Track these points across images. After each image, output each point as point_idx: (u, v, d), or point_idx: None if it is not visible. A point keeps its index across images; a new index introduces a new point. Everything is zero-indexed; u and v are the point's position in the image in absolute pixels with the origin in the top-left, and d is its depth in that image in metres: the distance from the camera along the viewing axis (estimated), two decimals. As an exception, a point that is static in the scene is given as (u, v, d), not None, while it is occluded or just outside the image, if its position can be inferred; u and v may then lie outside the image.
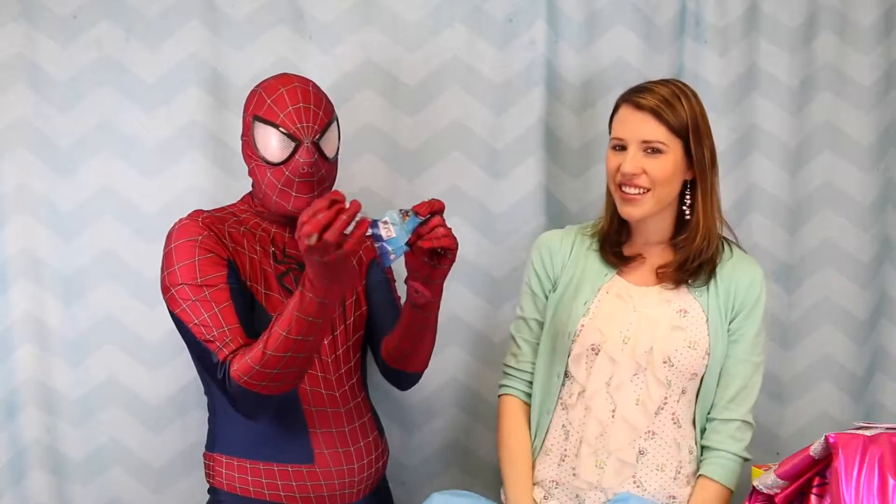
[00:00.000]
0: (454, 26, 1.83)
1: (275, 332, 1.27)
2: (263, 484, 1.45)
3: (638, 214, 1.46)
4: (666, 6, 1.88)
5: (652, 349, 1.45)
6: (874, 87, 1.94)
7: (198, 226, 1.42)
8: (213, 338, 1.33)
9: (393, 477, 1.90)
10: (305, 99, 1.44)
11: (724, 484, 1.46)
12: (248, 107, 1.48)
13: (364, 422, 1.54)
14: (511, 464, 1.54)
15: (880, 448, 1.20)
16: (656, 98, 1.43)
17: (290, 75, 1.50)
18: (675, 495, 1.46)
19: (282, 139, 1.43)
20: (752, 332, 1.48)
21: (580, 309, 1.51)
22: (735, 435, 1.48)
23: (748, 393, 1.49)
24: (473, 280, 1.87)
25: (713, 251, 1.49)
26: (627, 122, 1.46)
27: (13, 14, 1.74)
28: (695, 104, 1.45)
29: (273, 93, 1.44)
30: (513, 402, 1.58)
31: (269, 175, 1.44)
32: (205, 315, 1.34)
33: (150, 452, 1.82)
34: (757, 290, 1.49)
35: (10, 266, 1.77)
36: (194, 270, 1.36)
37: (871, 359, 2.01)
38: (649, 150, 1.43)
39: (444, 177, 1.85)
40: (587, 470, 1.46)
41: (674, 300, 1.49)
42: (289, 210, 1.47)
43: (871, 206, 1.96)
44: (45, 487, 1.81)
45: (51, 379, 1.80)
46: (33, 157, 1.77)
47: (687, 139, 1.43)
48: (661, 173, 1.43)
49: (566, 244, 1.58)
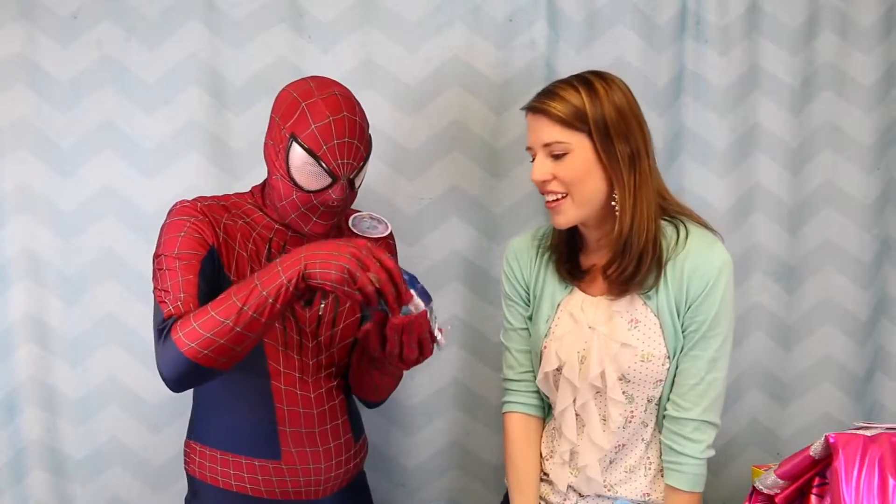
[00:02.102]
0: (454, 26, 1.83)
1: (227, 298, 1.25)
2: (231, 475, 1.46)
3: (563, 221, 1.39)
4: (666, 6, 1.88)
5: (604, 371, 1.39)
6: (875, 86, 1.94)
7: (196, 209, 1.42)
8: (167, 301, 1.32)
9: (393, 478, 1.90)
10: (351, 133, 1.38)
11: (690, 490, 1.41)
12: (284, 116, 1.40)
13: (338, 424, 1.51)
14: (518, 486, 1.51)
15: (880, 448, 1.20)
16: (552, 99, 1.35)
17: (336, 96, 1.39)
18: (648, 493, 1.45)
19: (319, 172, 1.38)
20: (706, 326, 1.36)
21: (542, 328, 1.47)
22: (692, 436, 1.39)
23: (703, 391, 1.38)
24: (473, 280, 1.87)
25: (647, 247, 1.36)
26: (530, 129, 1.39)
27: (13, 14, 1.74)
28: (601, 94, 1.34)
29: (319, 118, 1.36)
30: (517, 419, 1.53)
31: (295, 196, 1.40)
32: (168, 282, 1.34)
33: (151, 452, 1.83)
34: (709, 279, 1.35)
35: (10, 266, 1.78)
36: (175, 244, 1.37)
37: (871, 359, 2.01)
38: (554, 152, 1.36)
39: (444, 177, 1.85)
40: (561, 477, 1.48)
41: (624, 311, 1.40)
42: (305, 231, 1.44)
43: (872, 206, 1.96)
44: (45, 487, 1.81)
45: (51, 378, 1.80)
46: (34, 157, 1.77)
47: (591, 134, 1.34)
48: (570, 174, 1.35)
49: (531, 252, 1.52)
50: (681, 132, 1.91)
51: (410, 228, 1.84)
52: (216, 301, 1.27)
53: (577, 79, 1.38)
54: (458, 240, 1.87)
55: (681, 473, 1.40)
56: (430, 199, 1.85)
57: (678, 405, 1.40)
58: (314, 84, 1.41)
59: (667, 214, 1.42)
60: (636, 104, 1.39)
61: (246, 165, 1.81)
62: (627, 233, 1.36)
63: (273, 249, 1.47)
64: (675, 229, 1.41)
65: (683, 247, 1.38)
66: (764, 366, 1.96)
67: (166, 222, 1.41)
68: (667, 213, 1.42)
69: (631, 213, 1.36)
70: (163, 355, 1.29)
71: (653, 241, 1.37)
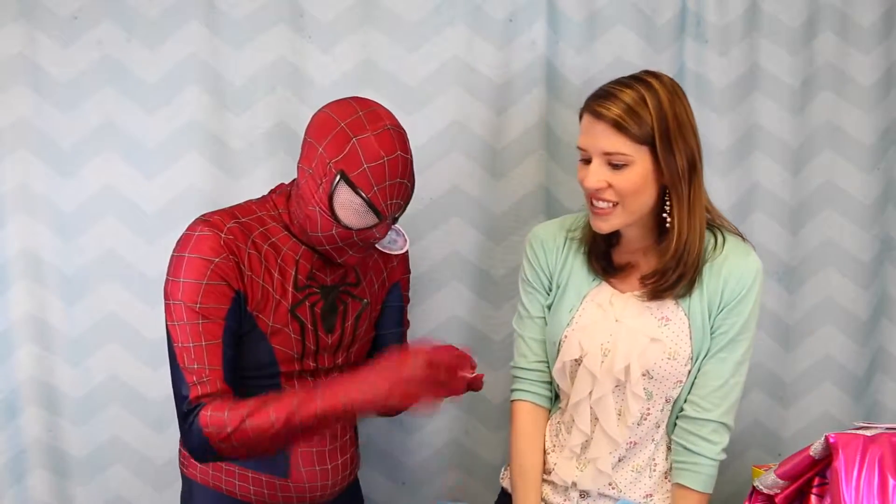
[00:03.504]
0: (454, 26, 1.83)
1: (266, 414, 1.23)
2: (236, 484, 1.45)
3: (606, 228, 1.37)
4: (666, 6, 1.87)
5: (630, 365, 1.39)
6: (875, 86, 1.94)
7: (219, 243, 1.30)
8: (191, 369, 1.28)
9: (393, 477, 1.90)
10: (403, 173, 1.31)
11: (703, 491, 1.42)
12: (330, 149, 1.29)
13: (346, 440, 1.51)
14: (522, 476, 1.50)
15: (880, 448, 1.20)
16: (618, 107, 1.30)
17: (388, 131, 1.31)
18: (651, 493, 1.45)
19: (366, 212, 1.31)
20: (735, 329, 1.38)
21: (565, 317, 1.45)
22: (710, 437, 1.40)
23: (726, 393, 1.39)
24: (473, 280, 1.87)
25: (693, 261, 1.37)
26: (589, 134, 1.34)
27: (13, 14, 1.74)
28: (665, 105, 1.31)
29: (372, 158, 1.28)
30: (526, 408, 1.51)
31: (334, 231, 1.32)
32: (191, 343, 1.28)
33: (152, 451, 1.83)
34: (745, 285, 1.38)
35: (10, 266, 1.78)
36: (198, 294, 1.28)
37: (871, 359, 2.01)
38: (613, 162, 1.32)
39: (444, 177, 1.85)
40: (567, 471, 1.47)
41: (655, 308, 1.41)
42: (336, 260, 1.38)
43: (872, 206, 1.96)
44: (46, 486, 1.82)
45: (52, 378, 1.80)
46: (34, 157, 1.77)
47: (654, 147, 1.31)
48: (628, 186, 1.32)
49: (559, 241, 1.50)
50: (681, 132, 1.90)
51: (410, 228, 1.84)
52: (252, 411, 1.24)
53: (641, 84, 1.34)
54: (458, 240, 1.86)
55: (696, 473, 1.41)
56: (430, 199, 1.85)
57: (699, 406, 1.41)
58: (363, 113, 1.31)
59: (708, 224, 1.42)
60: (691, 110, 1.37)
61: (246, 165, 1.80)
62: (682, 250, 1.36)
63: (301, 275, 1.39)
64: (713, 236, 1.42)
65: (721, 251, 1.40)
66: (765, 366, 1.96)
67: (186, 256, 1.30)
68: (708, 223, 1.42)
69: (687, 228, 1.36)
70: (189, 438, 1.28)
71: (699, 255, 1.38)
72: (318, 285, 1.41)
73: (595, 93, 1.37)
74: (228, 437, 1.24)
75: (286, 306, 1.38)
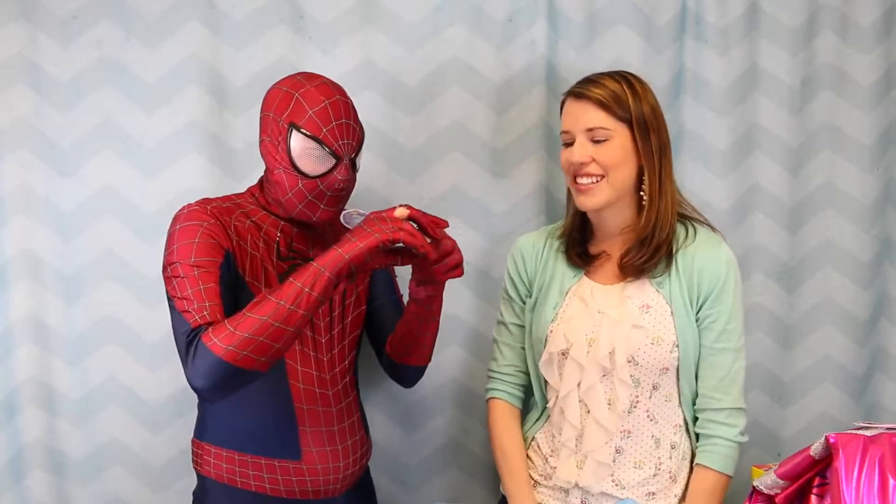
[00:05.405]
0: (454, 26, 1.83)
1: (262, 298, 1.27)
2: (250, 475, 1.46)
3: (594, 203, 1.45)
4: (666, 6, 1.88)
5: (614, 350, 1.44)
6: (875, 86, 1.94)
7: (206, 212, 1.41)
8: (191, 311, 1.31)
9: (393, 475, 1.90)
10: (347, 114, 1.42)
11: (720, 470, 1.45)
12: (278, 109, 1.42)
13: (353, 421, 1.55)
14: (507, 465, 1.56)
15: (880, 448, 1.20)
16: (602, 90, 1.43)
17: (325, 83, 1.44)
18: (654, 492, 1.46)
19: (323, 155, 1.41)
20: (724, 319, 1.45)
21: (549, 314, 1.52)
22: (726, 421, 1.46)
23: (731, 380, 1.47)
24: (473, 280, 1.87)
25: (666, 235, 1.46)
26: (571, 114, 1.46)
27: (13, 14, 1.74)
28: (643, 99, 1.44)
29: (314, 104, 1.40)
30: (500, 405, 1.61)
31: (301, 185, 1.42)
32: (189, 290, 1.32)
33: (151, 452, 1.83)
34: (722, 273, 1.45)
35: (10, 266, 1.77)
36: (191, 250, 1.35)
37: (871, 359, 2.01)
38: (595, 138, 1.43)
39: (444, 177, 1.85)
40: (567, 470, 1.49)
41: (635, 296, 1.47)
42: (312, 220, 1.46)
43: (872, 206, 1.96)
44: (45, 487, 1.81)
45: (51, 378, 1.80)
46: (34, 157, 1.77)
47: (632, 128, 1.43)
48: (611, 158, 1.42)
49: (538, 247, 1.59)
50: (681, 132, 1.90)
51: (410, 228, 1.84)
52: (248, 306, 1.28)
53: (617, 74, 1.47)
54: (458, 240, 1.85)
55: (711, 453, 1.46)
56: (430, 199, 1.85)
57: (711, 398, 1.47)
58: (301, 77, 1.45)
59: (680, 216, 1.52)
60: (660, 108, 1.49)
61: (246, 165, 1.81)
62: (653, 224, 1.45)
63: (282, 247, 1.48)
64: (684, 226, 1.51)
65: (693, 240, 1.49)
66: (764, 366, 1.96)
67: (176, 228, 1.39)
68: (680, 215, 1.52)
69: (658, 204, 1.45)
70: (195, 365, 1.27)
71: (671, 233, 1.47)
72: (301, 257, 1.50)
73: (577, 82, 1.49)
74: (232, 335, 1.25)
75: (274, 276, 1.46)
